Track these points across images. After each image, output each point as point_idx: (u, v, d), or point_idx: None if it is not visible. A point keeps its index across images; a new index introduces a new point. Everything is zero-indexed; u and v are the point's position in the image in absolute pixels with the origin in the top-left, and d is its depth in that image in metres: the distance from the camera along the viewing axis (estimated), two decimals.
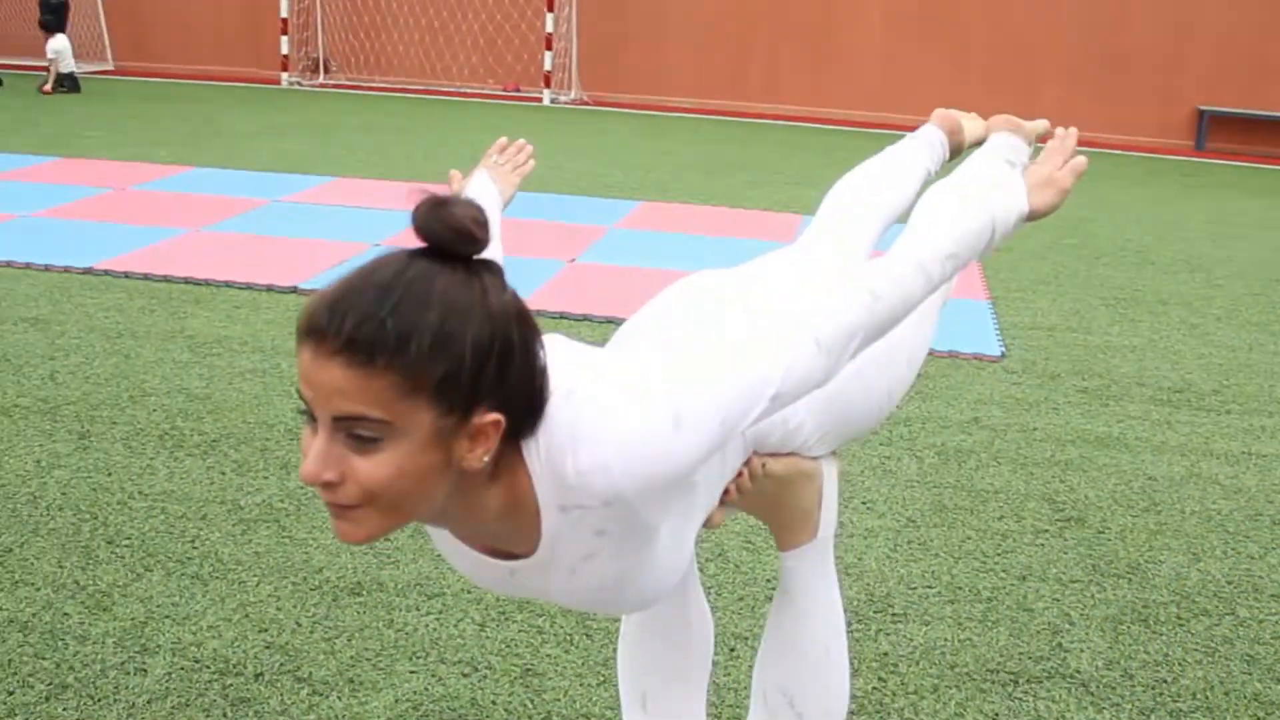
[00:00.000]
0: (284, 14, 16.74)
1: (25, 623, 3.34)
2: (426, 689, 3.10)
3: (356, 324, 1.31)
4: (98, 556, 3.72)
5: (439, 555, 3.60)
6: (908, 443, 4.78)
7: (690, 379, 1.51)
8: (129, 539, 3.83)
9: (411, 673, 3.18)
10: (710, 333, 1.77)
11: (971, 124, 2.55)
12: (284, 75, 16.78)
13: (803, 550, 1.95)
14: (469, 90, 17.06)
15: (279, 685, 3.10)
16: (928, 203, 2.17)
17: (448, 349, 1.33)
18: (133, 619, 3.38)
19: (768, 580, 3.68)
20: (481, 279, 1.39)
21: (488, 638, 3.35)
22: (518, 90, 16.88)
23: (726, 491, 1.80)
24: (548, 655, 3.27)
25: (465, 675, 3.17)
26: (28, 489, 4.16)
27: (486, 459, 1.40)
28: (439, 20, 17.15)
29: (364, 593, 3.56)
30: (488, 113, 15.50)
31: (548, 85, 16.43)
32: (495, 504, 1.48)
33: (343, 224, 8.21)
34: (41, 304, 6.18)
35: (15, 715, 2.93)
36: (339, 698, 3.05)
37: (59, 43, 15.56)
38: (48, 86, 15.23)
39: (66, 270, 6.78)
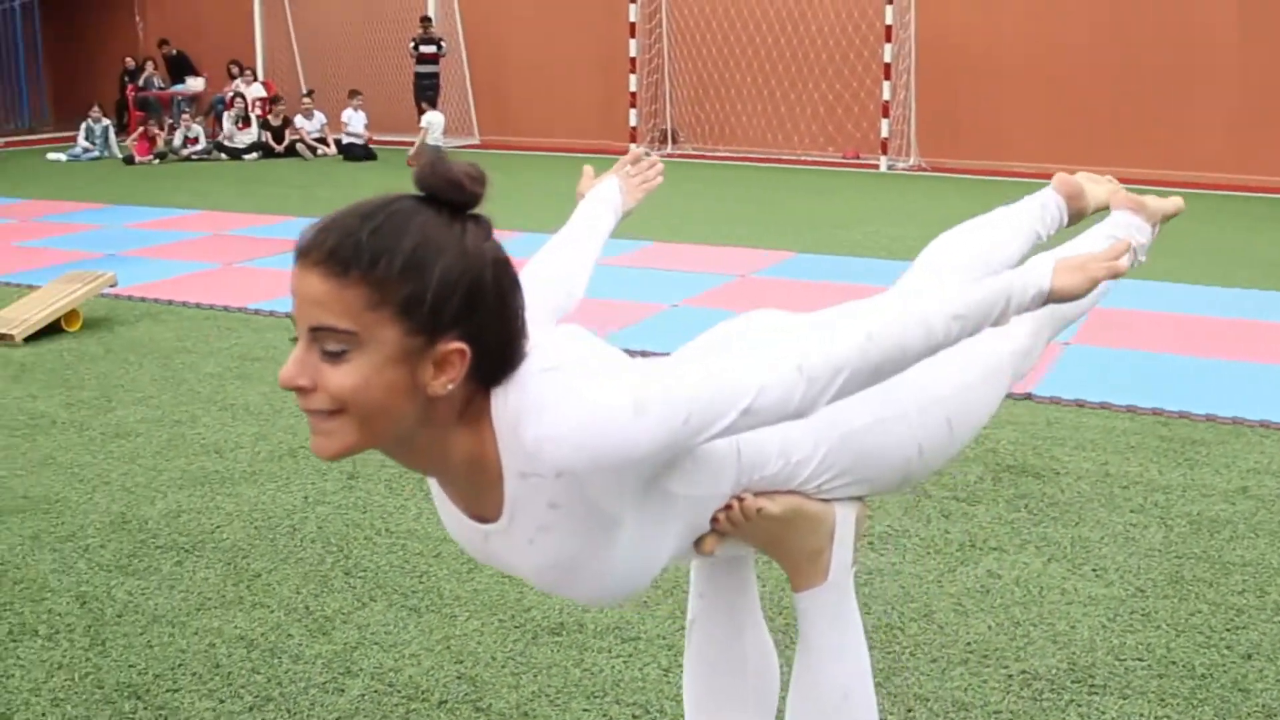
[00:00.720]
0: (633, 88, 17.46)
1: (253, 640, 3.64)
2: None
3: (337, 241, 1.47)
4: (332, 585, 4.00)
5: (643, 601, 3.68)
6: (1161, 510, 4.50)
7: (664, 374, 1.58)
8: (364, 571, 4.10)
9: (584, 710, 3.26)
10: (708, 348, 1.82)
11: (1095, 189, 2.45)
12: (632, 146, 17.48)
13: (815, 592, 1.91)
14: (808, 158, 17.24)
15: (458, 713, 3.25)
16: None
17: (416, 272, 1.46)
18: (345, 643, 3.62)
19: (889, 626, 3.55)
20: (464, 224, 1.53)
21: (668, 682, 3.39)
22: (856, 157, 16.91)
23: (716, 519, 1.80)
24: None
25: (635, 717, 3.22)
26: (290, 522, 4.52)
27: (450, 387, 1.51)
28: (780, 90, 17.45)
29: (563, 633, 3.67)
30: (825, 179, 15.62)
31: (885, 152, 16.39)
32: (461, 451, 1.58)
33: (647, 285, 8.46)
34: None
35: None
36: None
37: (432, 117, 16.85)
38: (412, 159, 16.45)
39: None
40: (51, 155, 18.06)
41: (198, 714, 3.25)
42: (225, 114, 18.40)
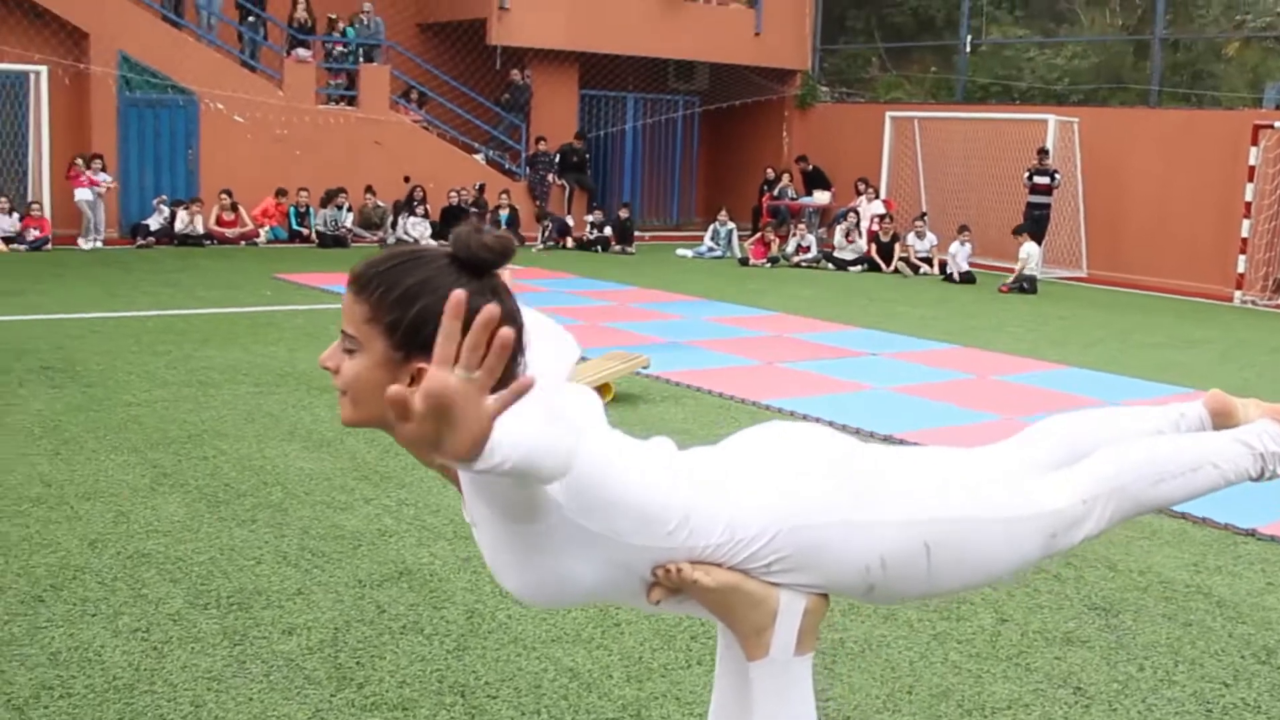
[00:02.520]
0: (1245, 233, 16.50)
1: (578, 673, 4.13)
2: None
3: (365, 268, 1.95)
4: (674, 643, 4.41)
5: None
6: None
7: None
8: (709, 635, 4.48)
9: None
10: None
11: (1248, 411, 2.39)
12: (1237, 293, 16.50)
13: (761, 665, 2.05)
14: None
15: None
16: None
17: (404, 304, 1.89)
18: (652, 692, 4.02)
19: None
20: (476, 281, 1.88)
21: None
22: None
23: (655, 574, 2.01)
24: None
25: None
26: None
27: None
28: None
29: None
30: None
31: None
32: None
33: None
34: None
35: None
36: None
37: (1030, 249, 16.88)
38: (1005, 286, 16.54)
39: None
40: (680, 251, 19.97)
41: (501, 718, 3.79)
42: (838, 226, 19.45)
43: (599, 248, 20.24)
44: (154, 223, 18.88)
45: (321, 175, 20.18)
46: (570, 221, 21.24)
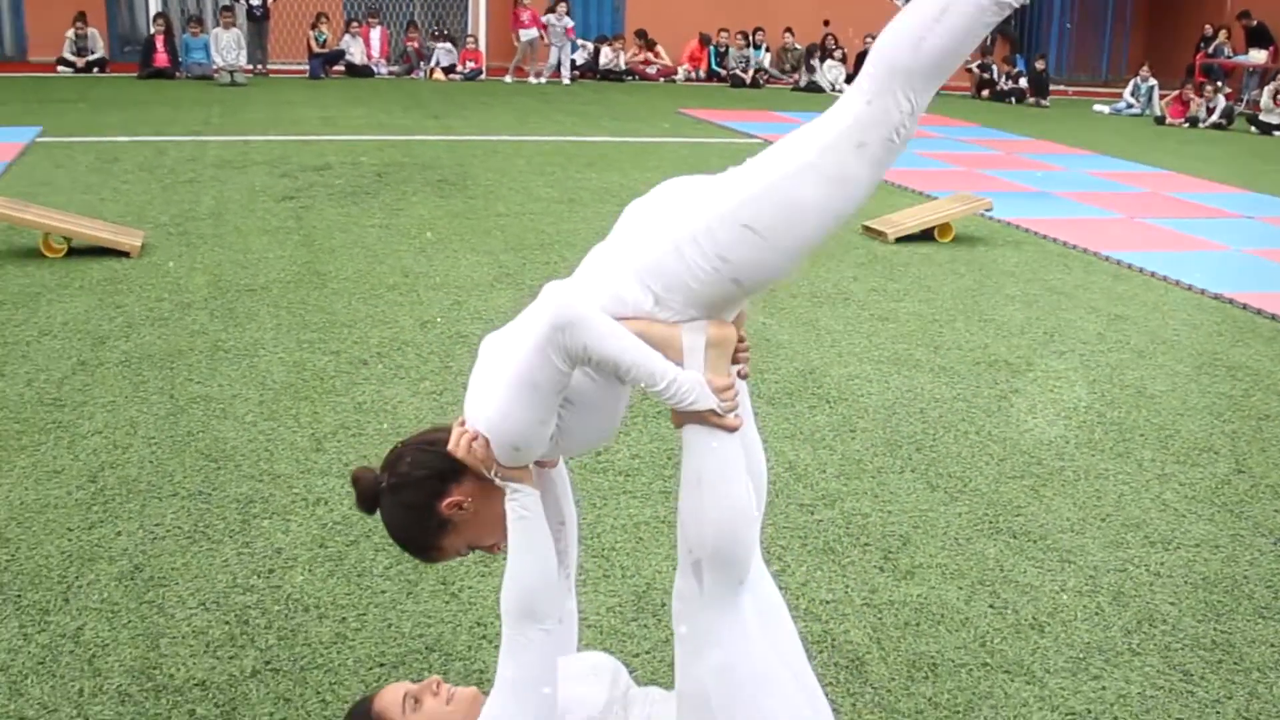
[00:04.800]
0: None
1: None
2: None
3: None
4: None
5: None
6: None
7: None
8: None
9: None
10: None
11: None
12: None
13: (685, 431, 2.28)
14: None
15: None
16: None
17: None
18: None
19: None
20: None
21: None
22: None
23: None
24: None
25: None
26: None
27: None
28: None
29: None
30: None
31: None
32: None
33: None
34: None
35: None
36: None
37: None
38: None
39: None
40: (1097, 107, 19.16)
41: None
42: (1268, 87, 18.02)
43: (1012, 99, 19.70)
44: (579, 57, 19.97)
45: (740, 15, 20.62)
46: (995, 70, 20.68)
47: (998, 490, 4.42)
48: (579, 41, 20.14)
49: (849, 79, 20.00)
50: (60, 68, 18.40)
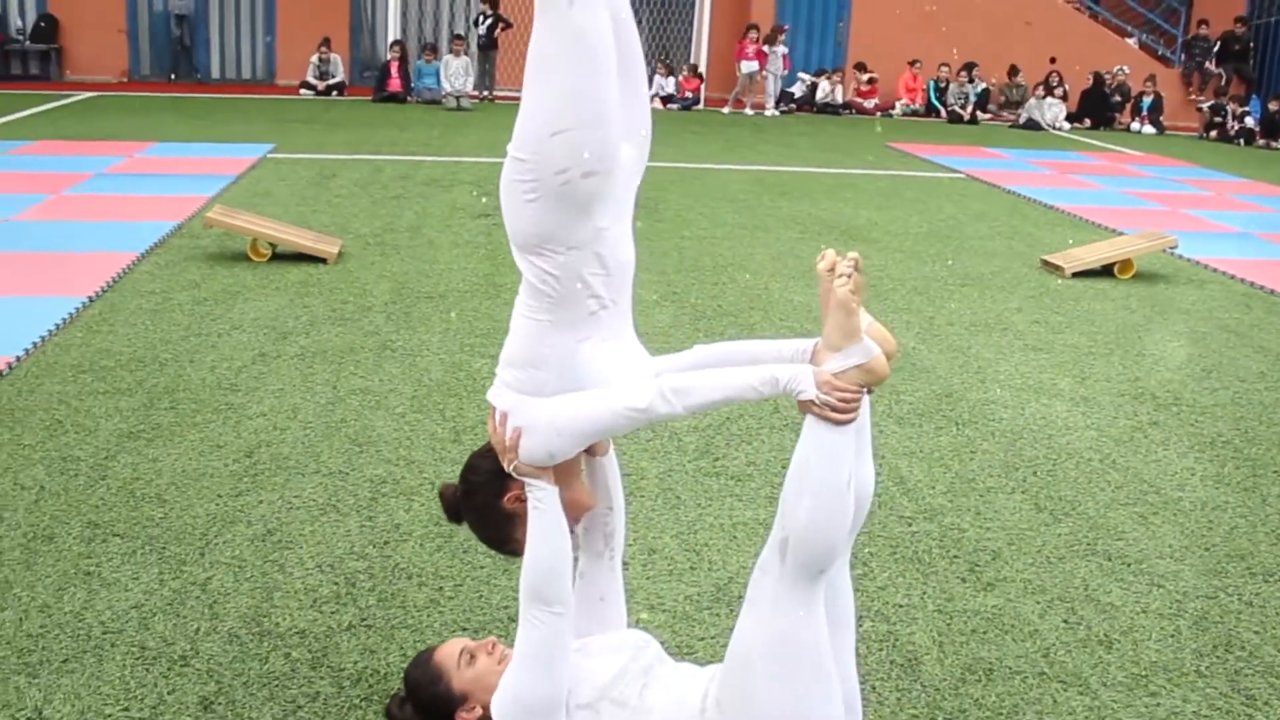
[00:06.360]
0: None
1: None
2: None
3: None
4: None
5: None
6: None
7: None
8: None
9: None
10: None
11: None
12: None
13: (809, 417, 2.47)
14: None
15: None
16: None
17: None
18: None
19: None
20: None
21: None
22: None
23: None
24: None
25: None
26: None
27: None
28: None
29: None
30: None
31: None
32: None
33: None
34: None
35: None
36: None
37: None
38: None
39: None
40: None
41: None
42: None
43: (1240, 140, 19.01)
44: (797, 90, 20.20)
45: (963, 52, 20.50)
46: (1227, 111, 19.99)
47: (1105, 515, 4.43)
48: (799, 75, 20.34)
49: (1069, 117, 19.71)
50: (303, 90, 19.59)
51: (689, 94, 19.99)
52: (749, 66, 19.47)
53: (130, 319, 6.37)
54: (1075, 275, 8.34)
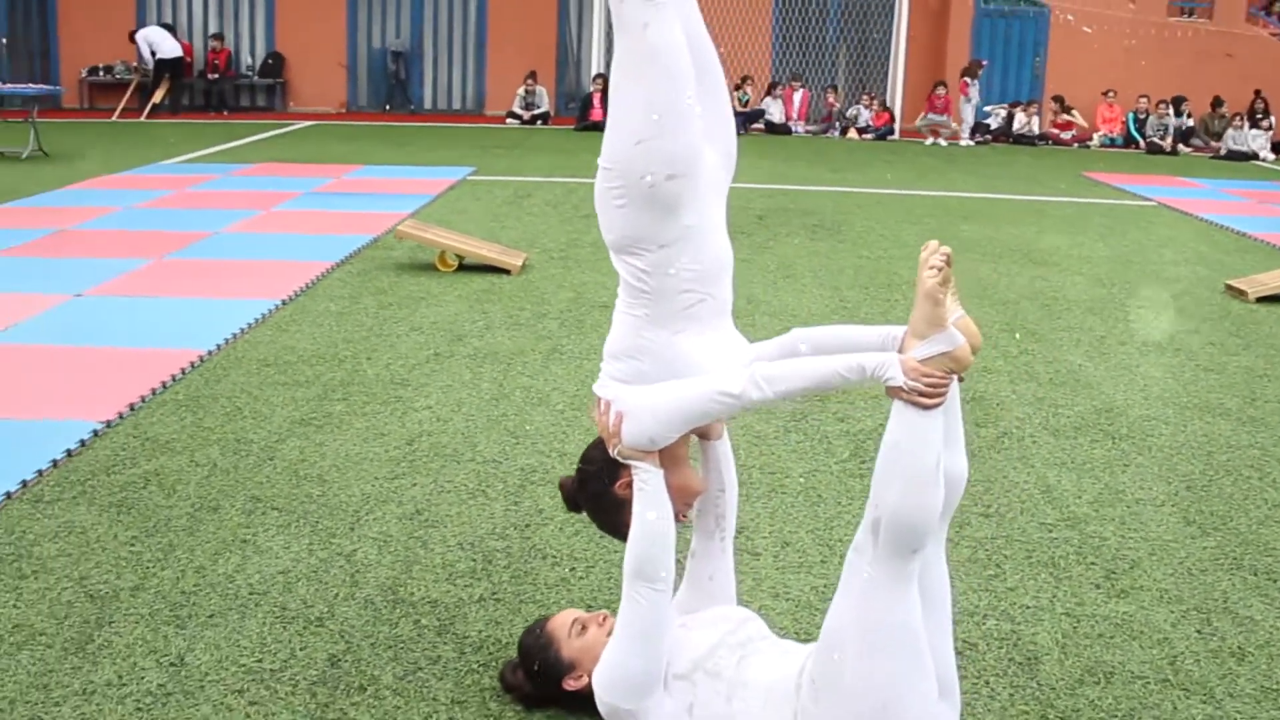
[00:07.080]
0: None
1: None
2: None
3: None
4: None
5: None
6: None
7: None
8: None
9: None
10: None
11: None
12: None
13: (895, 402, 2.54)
14: None
15: None
16: None
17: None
18: None
19: None
20: None
21: None
22: None
23: None
24: None
25: None
26: None
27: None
28: None
29: None
30: None
31: None
32: None
33: None
34: None
35: None
36: None
37: None
38: None
39: None
40: None
41: None
42: None
43: None
44: (992, 122, 19.96)
45: (1162, 85, 20.01)
46: None
47: (1257, 531, 4.31)
48: (991, 108, 20.11)
49: (1275, 148, 18.93)
50: (509, 120, 20.24)
51: (883, 124, 19.95)
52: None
53: (317, 320, 6.74)
54: (1259, 300, 8.05)
